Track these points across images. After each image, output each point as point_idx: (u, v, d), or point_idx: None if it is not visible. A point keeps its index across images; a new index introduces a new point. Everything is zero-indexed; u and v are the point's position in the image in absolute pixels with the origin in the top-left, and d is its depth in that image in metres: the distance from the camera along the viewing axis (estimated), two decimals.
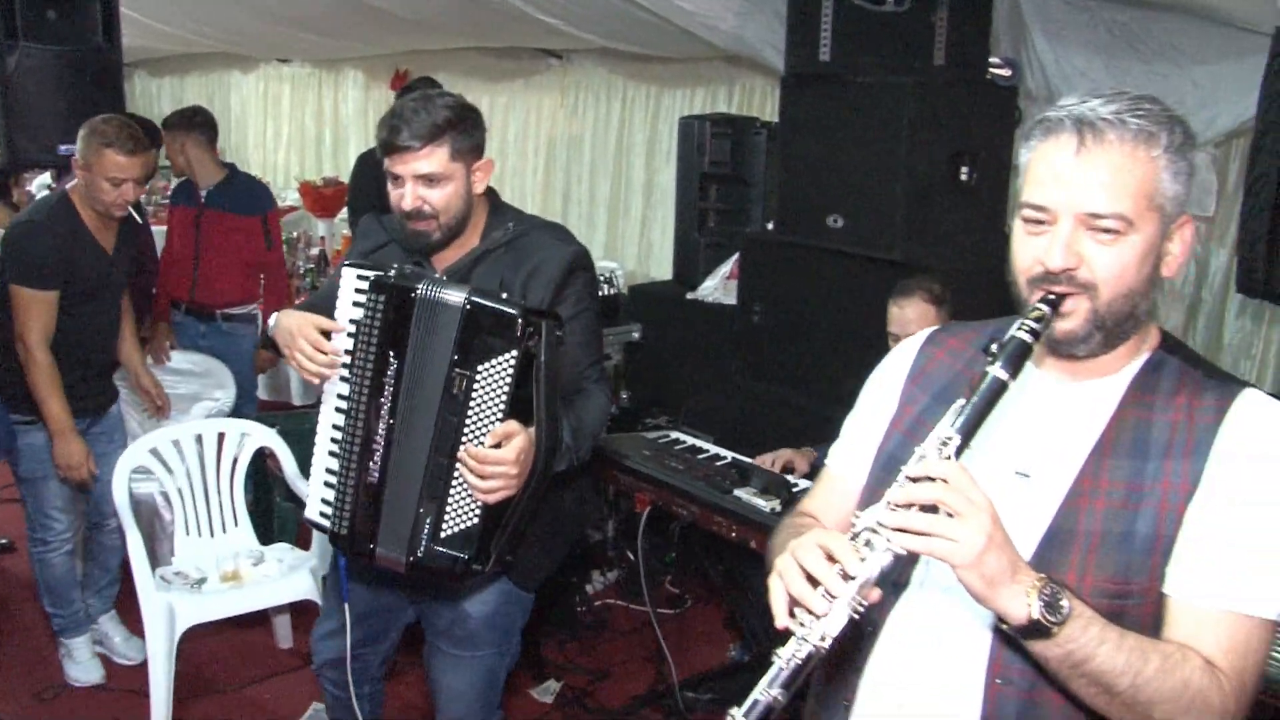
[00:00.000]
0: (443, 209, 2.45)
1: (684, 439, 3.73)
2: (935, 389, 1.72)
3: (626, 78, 7.02)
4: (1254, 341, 4.54)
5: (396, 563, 2.40)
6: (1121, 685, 1.39)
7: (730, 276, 5.00)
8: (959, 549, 1.34)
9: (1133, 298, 1.49)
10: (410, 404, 2.35)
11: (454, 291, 2.30)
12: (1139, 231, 1.46)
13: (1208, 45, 4.07)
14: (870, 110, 3.97)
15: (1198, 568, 1.47)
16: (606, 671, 4.13)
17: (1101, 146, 1.43)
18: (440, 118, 2.40)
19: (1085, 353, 1.54)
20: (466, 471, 2.30)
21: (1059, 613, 1.37)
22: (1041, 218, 1.48)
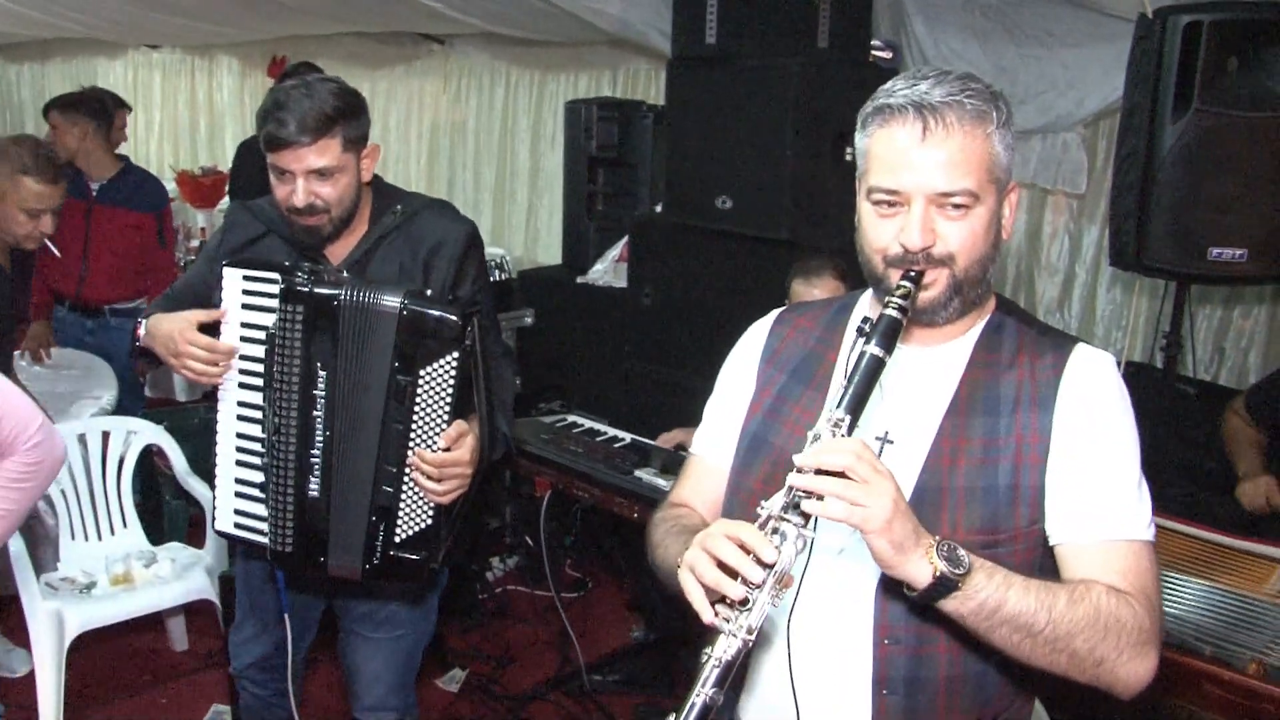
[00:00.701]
0: (335, 202, 2.37)
1: (581, 422, 3.75)
2: (791, 367, 1.79)
3: (510, 63, 6.98)
4: (1124, 312, 4.73)
5: (352, 571, 2.38)
6: (1040, 623, 1.46)
7: (620, 259, 5.02)
8: (871, 514, 1.39)
9: (984, 263, 1.60)
10: (348, 415, 2.30)
11: (387, 297, 2.24)
12: (983, 203, 1.55)
13: (1077, 29, 4.22)
14: (756, 92, 4.02)
15: (1073, 514, 1.58)
16: (511, 657, 4.13)
17: (944, 129, 1.52)
18: (329, 107, 2.31)
19: (945, 319, 1.63)
20: (420, 476, 2.27)
21: (960, 563, 1.43)
22: (894, 200, 1.56)
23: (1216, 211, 3.37)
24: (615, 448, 3.45)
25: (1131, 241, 3.54)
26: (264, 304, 2.32)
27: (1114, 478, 1.59)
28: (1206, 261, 3.41)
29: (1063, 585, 1.52)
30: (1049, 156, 4.67)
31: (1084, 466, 1.58)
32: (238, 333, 2.35)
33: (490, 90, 7.18)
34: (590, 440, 3.53)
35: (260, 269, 2.33)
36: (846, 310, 1.81)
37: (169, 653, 4.08)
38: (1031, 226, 4.96)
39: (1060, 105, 4.43)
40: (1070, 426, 1.60)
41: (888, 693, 1.62)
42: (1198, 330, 4.55)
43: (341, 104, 2.34)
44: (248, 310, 2.34)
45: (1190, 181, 3.37)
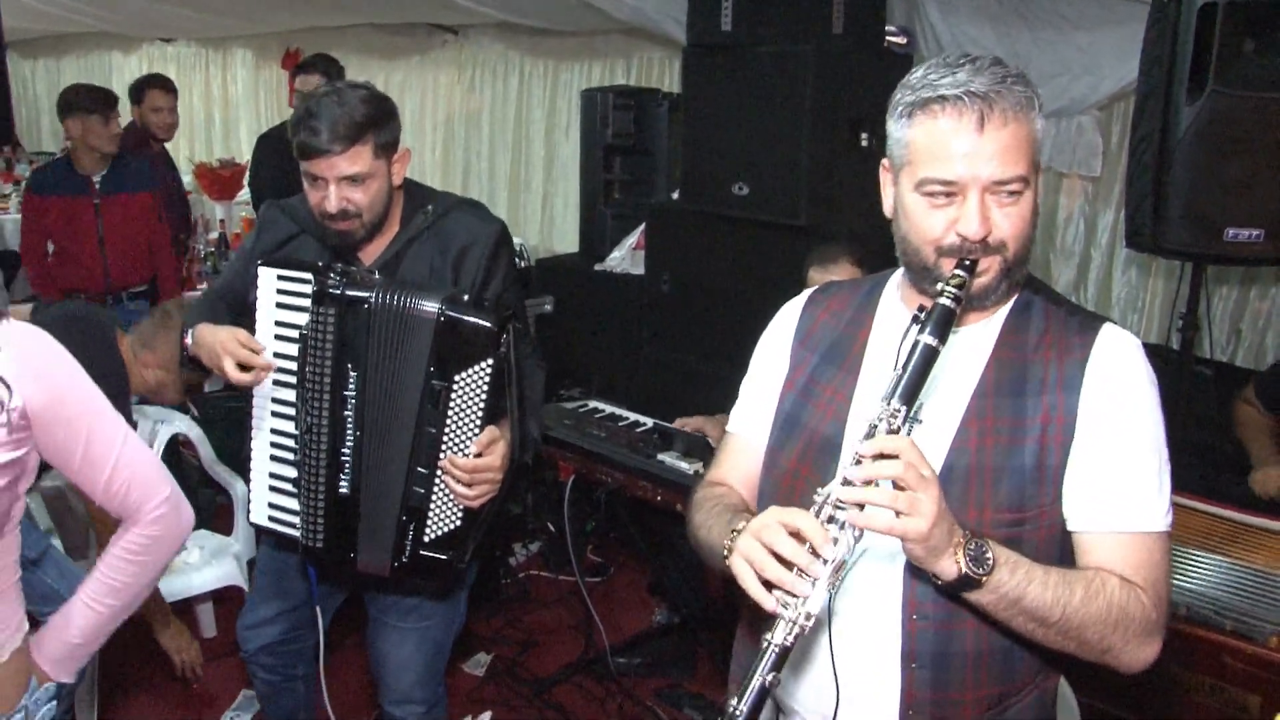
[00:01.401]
0: (367, 207, 2.39)
1: (603, 408, 3.78)
2: (823, 349, 1.82)
3: (524, 52, 7.01)
4: (1140, 294, 4.74)
5: (381, 569, 2.43)
6: (1054, 616, 1.51)
7: (637, 247, 5.05)
8: (914, 524, 1.43)
9: (1030, 245, 1.62)
10: (382, 416, 2.34)
11: (425, 302, 2.27)
12: (1030, 187, 1.58)
13: (1090, 13, 4.24)
14: (772, 79, 4.04)
15: (1092, 502, 1.61)
16: (535, 641, 4.18)
17: (999, 116, 1.53)
18: (360, 115, 2.33)
19: (994, 302, 1.66)
20: (450, 480, 2.31)
21: (985, 564, 1.48)
22: (949, 190, 1.57)
23: (1232, 193, 3.38)
24: (638, 432, 3.49)
25: (1147, 223, 3.55)
26: (297, 303, 2.36)
27: (1135, 467, 1.61)
28: (1223, 242, 3.42)
29: (1079, 576, 1.56)
30: (1064, 140, 4.68)
31: (1106, 453, 1.61)
32: (272, 331, 2.40)
33: (504, 80, 7.21)
34: (613, 425, 3.56)
35: (294, 269, 2.37)
36: (876, 291, 1.83)
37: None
38: (1047, 209, 4.97)
39: (1075, 89, 4.44)
40: (1095, 410, 1.62)
41: (916, 666, 1.66)
42: (1214, 311, 4.55)
43: (372, 111, 2.36)
44: (282, 309, 2.38)
45: (1206, 163, 3.38)
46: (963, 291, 1.56)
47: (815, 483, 1.65)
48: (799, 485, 1.75)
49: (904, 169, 1.63)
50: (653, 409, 3.83)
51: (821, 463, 1.73)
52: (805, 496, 1.64)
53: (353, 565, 2.45)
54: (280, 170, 4.94)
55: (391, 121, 2.43)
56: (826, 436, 1.74)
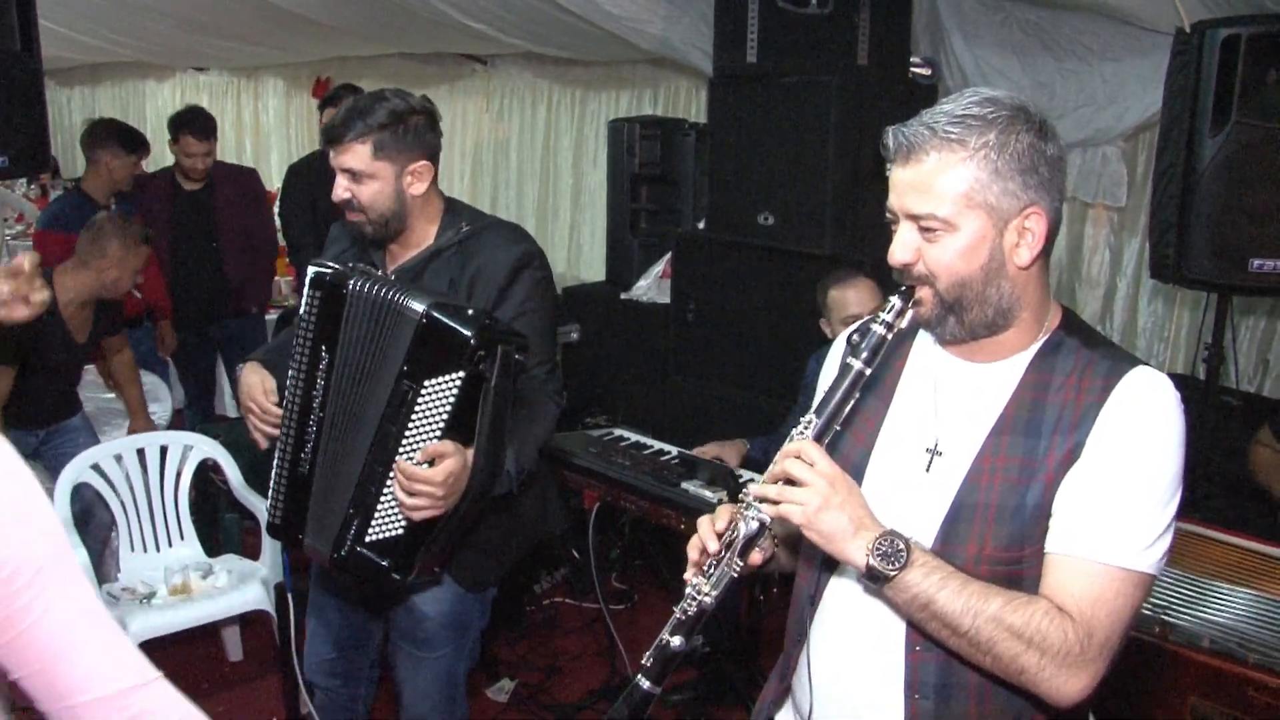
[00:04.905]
0: (368, 205, 2.46)
1: (628, 435, 3.80)
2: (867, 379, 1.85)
3: (551, 81, 7.08)
4: (1166, 325, 4.74)
5: (321, 556, 2.42)
6: (964, 625, 1.53)
7: (663, 276, 5.09)
8: (797, 510, 1.57)
9: (971, 286, 1.61)
10: (347, 403, 2.35)
11: (414, 301, 2.27)
12: (960, 228, 1.58)
13: (1115, 43, 4.25)
14: (797, 109, 4.08)
15: (1064, 523, 1.60)
16: (559, 668, 4.18)
17: (914, 156, 1.58)
18: (370, 114, 2.41)
19: (951, 335, 1.68)
20: (395, 485, 2.29)
21: (896, 560, 1.53)
22: (891, 219, 1.65)
23: (1257, 223, 3.39)
24: (662, 460, 3.50)
25: (1172, 254, 3.56)
26: None
27: (1120, 498, 1.57)
28: (1247, 273, 3.42)
29: (1004, 593, 1.56)
30: (1089, 170, 4.70)
31: (1090, 482, 1.59)
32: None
33: (532, 109, 7.28)
34: (637, 453, 3.58)
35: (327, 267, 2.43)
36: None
37: (225, 662, 4.17)
38: (1072, 240, 4.97)
39: (1099, 119, 4.45)
40: (1099, 446, 1.59)
41: (920, 696, 1.67)
42: (1241, 342, 4.54)
43: (386, 115, 2.42)
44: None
45: (1230, 193, 3.39)
46: (893, 318, 1.63)
47: None
48: None
49: None
50: (678, 437, 3.85)
51: None
52: None
53: (299, 546, 2.47)
54: (309, 200, 5.03)
55: (412, 132, 2.46)
56: (855, 463, 1.76)
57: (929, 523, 1.63)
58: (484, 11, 5.51)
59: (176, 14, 7.25)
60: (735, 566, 1.65)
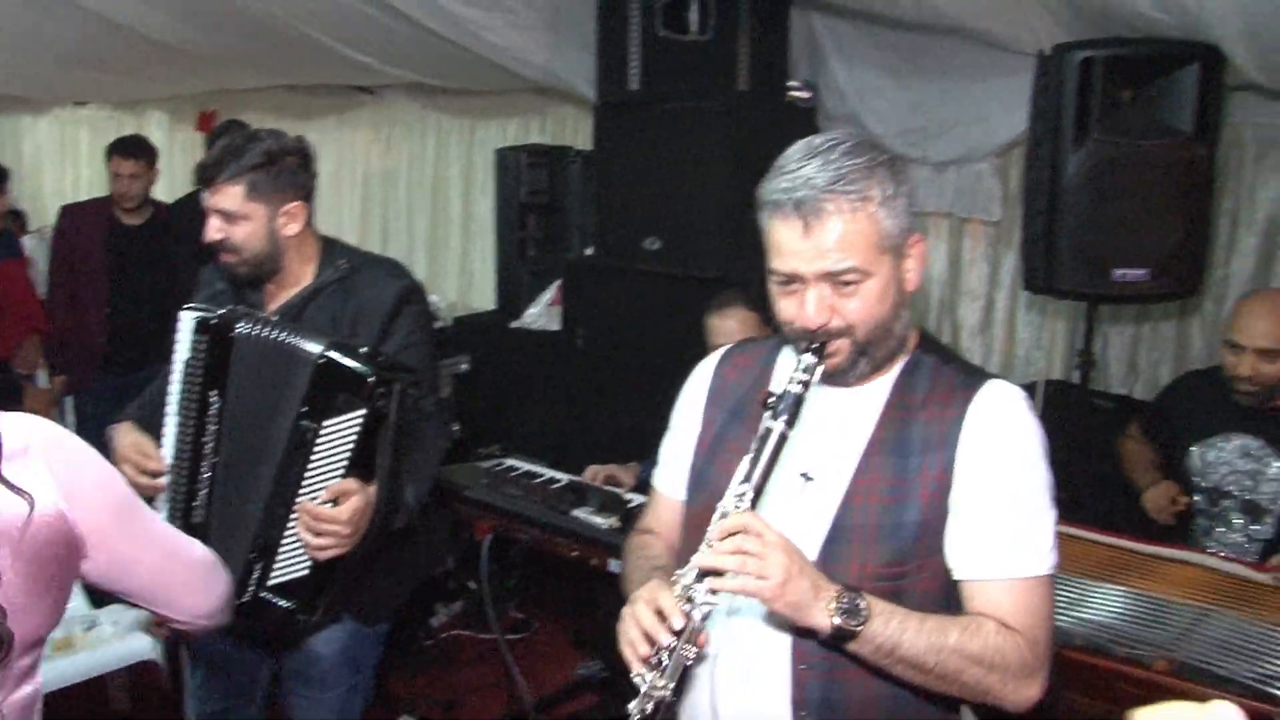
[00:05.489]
0: (241, 246, 2.46)
1: (519, 465, 3.80)
2: (730, 406, 1.90)
3: (439, 111, 7.06)
4: (1043, 334, 4.89)
5: None
6: (930, 663, 1.60)
7: (553, 303, 5.11)
8: (766, 585, 1.53)
9: (886, 324, 1.70)
10: (245, 448, 2.33)
11: (308, 342, 2.28)
12: (874, 275, 1.66)
13: (984, 65, 4.39)
14: (680, 134, 4.14)
15: (973, 552, 1.69)
16: (458, 701, 4.16)
17: (822, 222, 1.62)
18: (246, 158, 2.41)
19: (856, 378, 1.75)
20: (300, 526, 2.28)
21: (858, 616, 1.56)
22: (790, 280, 1.67)
23: (1119, 235, 3.54)
24: (553, 489, 3.51)
25: (1041, 265, 3.70)
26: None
27: (1012, 516, 1.69)
28: (1111, 282, 3.58)
29: (956, 623, 1.64)
30: (964, 186, 4.83)
31: (984, 505, 1.68)
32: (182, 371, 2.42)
33: (421, 139, 7.25)
34: (528, 482, 3.58)
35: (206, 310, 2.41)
36: (779, 349, 1.91)
37: (112, 715, 4.05)
38: (952, 254, 5.11)
39: (971, 137, 4.59)
40: (971, 463, 1.69)
41: (805, 714, 1.72)
42: (1112, 347, 4.72)
43: (259, 156, 2.42)
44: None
45: (1093, 207, 3.54)
46: (809, 375, 1.64)
47: None
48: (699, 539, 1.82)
49: (766, 254, 1.73)
50: (572, 464, 3.86)
51: None
52: None
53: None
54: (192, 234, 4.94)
55: (285, 172, 2.46)
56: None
57: (808, 546, 1.66)
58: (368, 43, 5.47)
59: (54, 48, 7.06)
60: (690, 653, 1.58)
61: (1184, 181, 3.51)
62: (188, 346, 2.38)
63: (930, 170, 4.85)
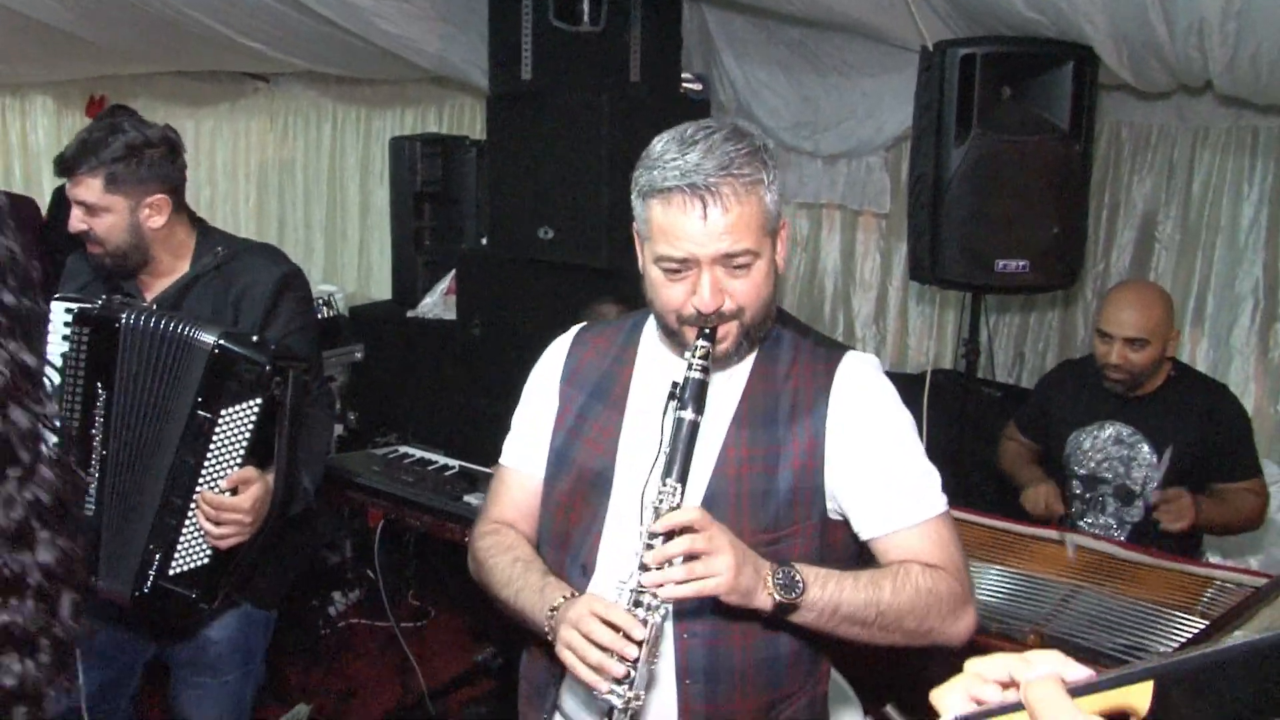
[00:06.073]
0: (103, 238, 2.43)
1: (413, 453, 3.79)
2: (590, 387, 1.93)
3: (336, 100, 6.98)
4: (932, 324, 5.01)
5: (121, 596, 2.37)
6: (871, 616, 1.66)
7: (449, 293, 5.10)
8: (721, 581, 1.57)
9: (768, 304, 1.76)
10: (137, 440, 2.31)
11: (203, 332, 2.27)
12: (763, 255, 1.72)
13: (872, 61, 4.49)
14: (572, 126, 4.16)
15: (878, 510, 1.77)
16: (354, 690, 4.14)
17: (722, 205, 1.66)
18: (106, 151, 2.38)
19: (741, 358, 1.80)
20: (200, 515, 2.28)
21: (796, 588, 1.62)
22: (681, 268, 1.70)
23: (1000, 227, 3.65)
24: (445, 475, 3.51)
25: (927, 257, 3.79)
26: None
27: (899, 467, 1.78)
28: (994, 273, 3.68)
29: (885, 574, 1.71)
30: (855, 179, 4.93)
31: (866, 463, 1.76)
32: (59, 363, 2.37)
33: (317, 128, 7.15)
34: (421, 469, 3.58)
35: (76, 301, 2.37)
36: (638, 329, 1.95)
37: None
38: (845, 246, 5.21)
39: (861, 131, 4.69)
40: (844, 429, 1.77)
41: (690, 681, 1.77)
42: (1000, 337, 4.85)
43: (120, 149, 2.39)
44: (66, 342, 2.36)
45: (975, 200, 3.64)
46: (708, 361, 1.69)
47: (587, 515, 1.77)
48: (573, 519, 1.85)
49: (645, 242, 1.76)
50: (467, 453, 3.86)
51: (594, 496, 1.84)
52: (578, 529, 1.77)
53: (94, 592, 2.40)
54: None
55: (147, 164, 2.43)
56: (597, 471, 1.84)
57: None
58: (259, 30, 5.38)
59: None
60: (655, 660, 1.62)
61: (1061, 177, 3.63)
62: (65, 338, 2.33)
63: (822, 163, 4.94)
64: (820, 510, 1.78)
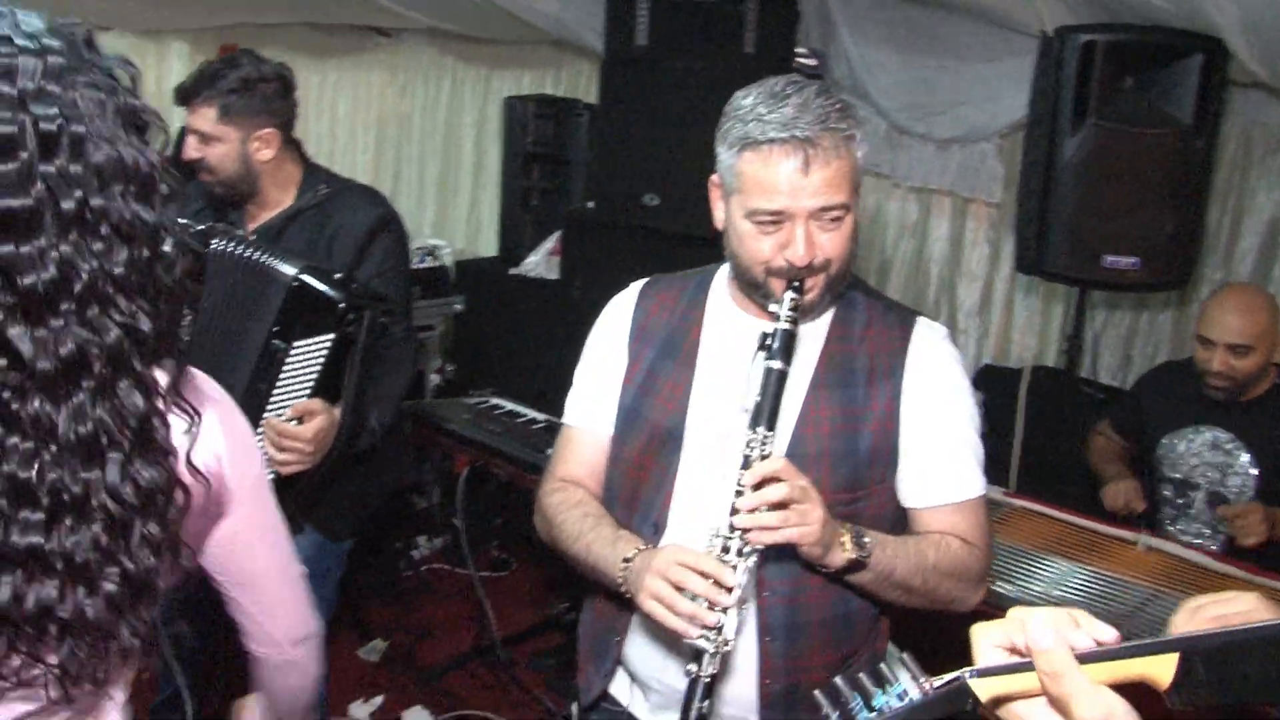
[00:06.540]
0: (215, 166, 2.54)
1: (503, 404, 3.85)
2: (658, 343, 1.93)
3: (456, 58, 7.05)
4: (1039, 318, 4.90)
5: None
6: (917, 582, 1.73)
7: (553, 253, 5.15)
8: (809, 531, 1.61)
9: (851, 257, 1.77)
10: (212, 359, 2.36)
11: (284, 264, 2.34)
12: (852, 210, 1.73)
13: (991, 44, 4.39)
14: (683, 93, 4.15)
15: (926, 481, 1.81)
16: (429, 631, 4.25)
17: (822, 156, 1.67)
18: (222, 82, 2.48)
19: (818, 314, 1.81)
20: (266, 441, 2.34)
21: (866, 548, 1.67)
22: (777, 220, 1.70)
23: (1111, 221, 3.56)
24: (532, 428, 3.57)
25: (1033, 246, 3.72)
26: None
27: (961, 441, 1.81)
28: (1101, 268, 3.60)
29: (931, 545, 1.76)
30: (967, 165, 4.85)
31: (934, 434, 1.79)
32: None
33: (436, 84, 7.23)
34: (509, 420, 3.64)
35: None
36: (704, 287, 1.96)
37: None
38: (954, 233, 5.12)
39: (975, 117, 4.60)
40: (917, 396, 1.80)
41: (770, 639, 1.80)
42: (1107, 338, 4.73)
43: (235, 81, 2.49)
44: None
45: (1086, 191, 3.56)
46: (797, 313, 1.70)
47: (658, 473, 1.80)
48: (643, 477, 1.87)
49: (734, 195, 1.75)
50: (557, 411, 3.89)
51: (665, 454, 1.86)
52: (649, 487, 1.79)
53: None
54: None
55: (260, 99, 2.53)
56: (668, 428, 1.86)
57: None
58: None
59: None
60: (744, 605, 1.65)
61: (1180, 173, 3.54)
62: None
63: (934, 147, 4.86)
64: (894, 472, 1.82)
